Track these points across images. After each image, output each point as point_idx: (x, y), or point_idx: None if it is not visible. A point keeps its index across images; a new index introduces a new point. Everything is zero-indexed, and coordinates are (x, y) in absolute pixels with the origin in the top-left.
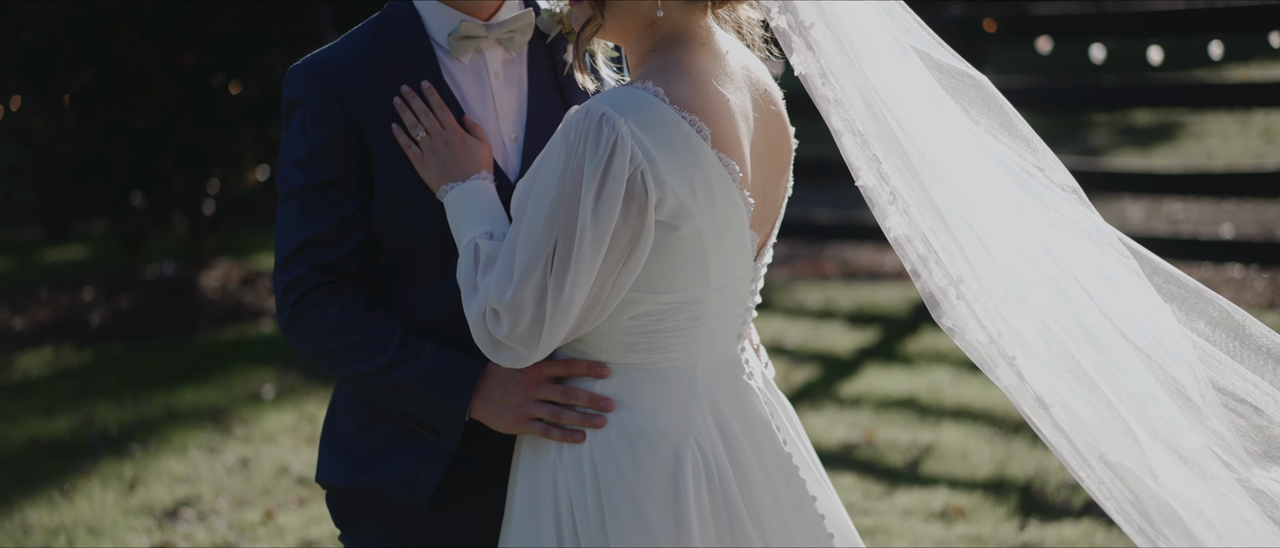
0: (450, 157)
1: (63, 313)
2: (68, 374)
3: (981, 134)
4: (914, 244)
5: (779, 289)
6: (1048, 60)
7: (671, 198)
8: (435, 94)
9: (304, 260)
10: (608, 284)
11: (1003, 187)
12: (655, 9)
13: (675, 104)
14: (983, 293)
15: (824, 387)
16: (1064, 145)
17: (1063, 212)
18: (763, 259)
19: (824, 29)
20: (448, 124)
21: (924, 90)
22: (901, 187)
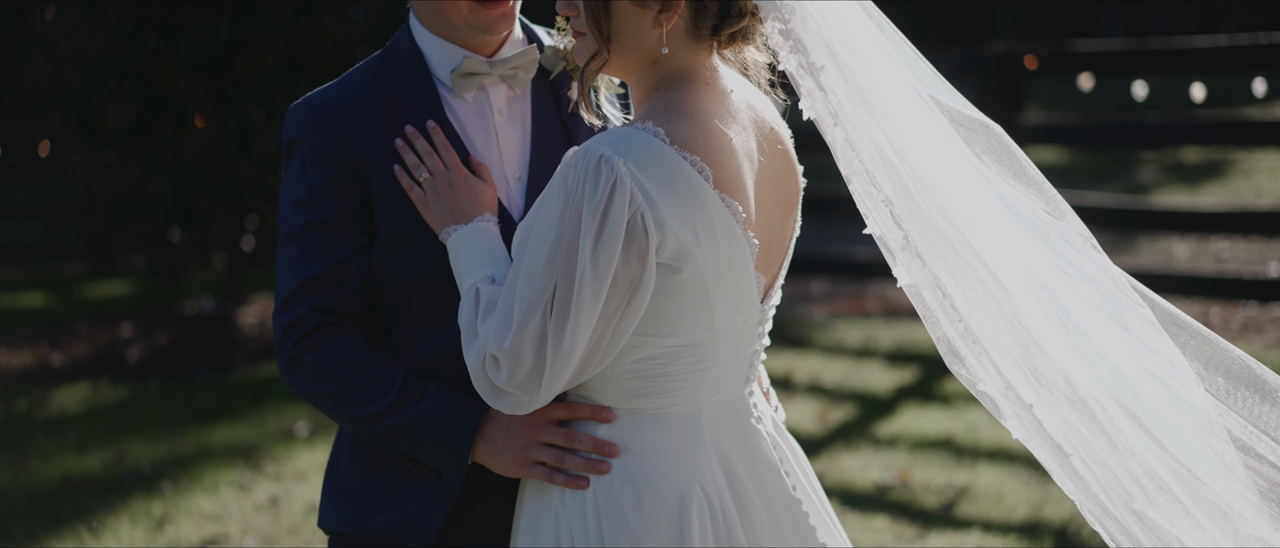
0: (454, 198)
1: (101, 349)
2: (103, 410)
3: (995, 180)
4: (926, 291)
5: (818, 327)
6: (1090, 97)
7: (673, 240)
8: (440, 133)
9: (303, 302)
10: (609, 329)
11: (1016, 234)
12: (660, 45)
13: (676, 144)
14: (997, 341)
15: (860, 427)
16: (1111, 182)
17: (1075, 262)
18: (770, 301)
19: (835, 72)
20: (452, 164)
21: (936, 135)
22: (914, 231)
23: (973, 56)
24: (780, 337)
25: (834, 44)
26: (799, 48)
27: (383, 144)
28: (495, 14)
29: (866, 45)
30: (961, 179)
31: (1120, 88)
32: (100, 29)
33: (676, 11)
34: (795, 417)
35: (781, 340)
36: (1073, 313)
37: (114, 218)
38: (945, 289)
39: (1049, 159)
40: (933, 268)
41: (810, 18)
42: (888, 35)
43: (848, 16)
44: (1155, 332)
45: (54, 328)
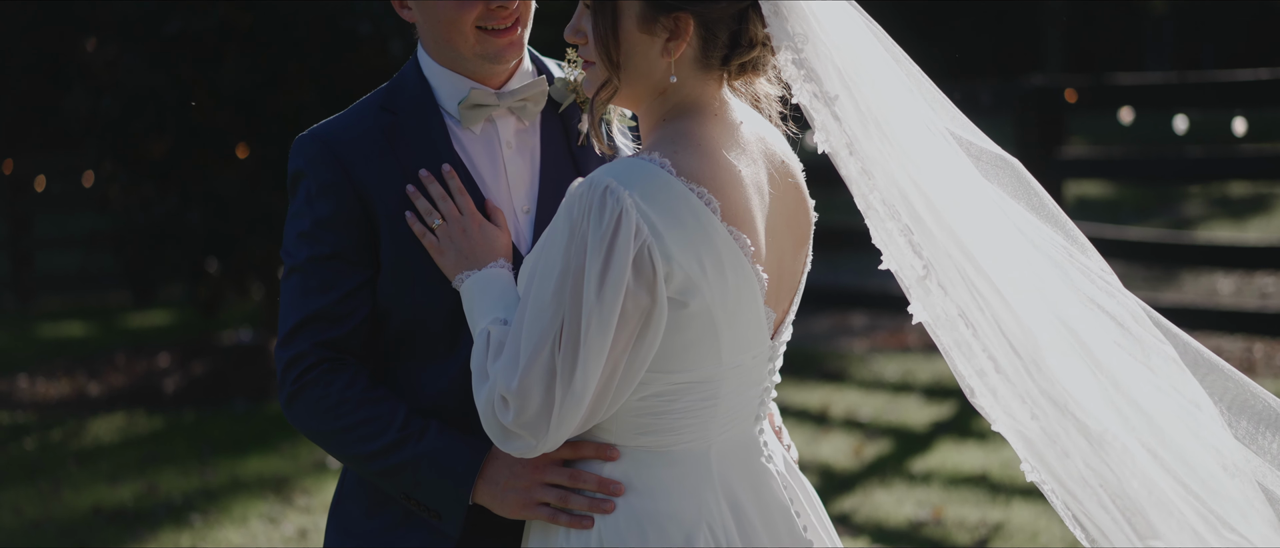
0: (467, 244)
1: (138, 379)
2: (137, 441)
3: (1013, 213)
4: (944, 325)
5: (856, 361)
6: (1135, 131)
7: (679, 273)
8: (455, 178)
9: (305, 337)
10: (620, 365)
11: (1036, 268)
12: (669, 74)
13: (683, 175)
14: (1019, 376)
15: (895, 462)
16: (1155, 217)
17: (1096, 297)
18: (781, 337)
19: (849, 102)
20: (466, 210)
21: (954, 168)
22: (933, 261)
23: (1012, 89)
24: (818, 371)
25: (848, 74)
26: (812, 77)
27: (388, 176)
28: (503, 43)
29: (882, 77)
30: (980, 212)
31: (1165, 121)
32: (140, 60)
33: (685, 39)
34: (830, 452)
35: (819, 374)
36: (1094, 350)
37: (151, 249)
38: (968, 319)
39: (1094, 193)
40: (954, 299)
41: (823, 47)
42: (904, 68)
43: (862, 47)
44: (1178, 369)
45: (92, 358)
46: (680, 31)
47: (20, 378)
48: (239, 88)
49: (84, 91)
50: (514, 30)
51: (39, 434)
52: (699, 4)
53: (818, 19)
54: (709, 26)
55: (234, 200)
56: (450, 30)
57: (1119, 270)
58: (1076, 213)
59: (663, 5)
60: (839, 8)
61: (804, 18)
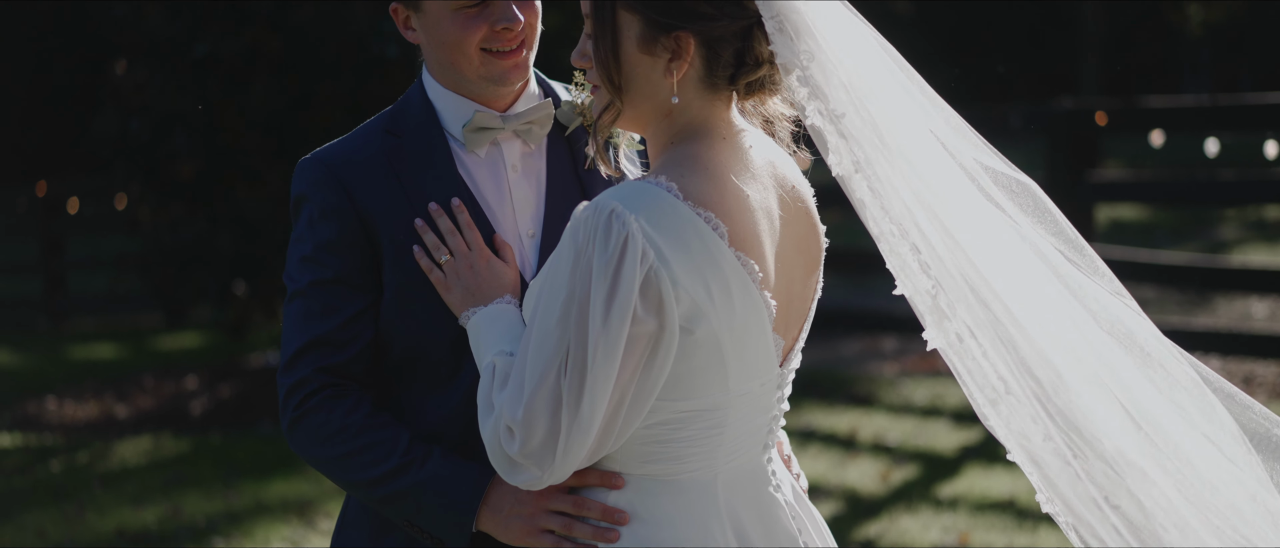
0: (474, 280)
1: (165, 401)
2: (163, 464)
3: (1030, 236)
4: (954, 350)
5: (886, 385)
6: (1170, 154)
7: (686, 299)
8: (464, 212)
9: (307, 362)
10: (628, 394)
11: (1051, 289)
12: (671, 95)
13: (690, 200)
14: (1030, 399)
15: (922, 487)
16: (1190, 240)
17: (1114, 321)
18: (790, 364)
19: (857, 120)
20: (474, 245)
21: (967, 189)
22: (946, 284)
23: (1043, 112)
24: (847, 394)
25: (856, 92)
26: (818, 94)
27: (392, 200)
28: (507, 65)
29: (892, 96)
30: (993, 233)
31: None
32: (168, 83)
33: (686, 59)
34: (857, 476)
35: (848, 398)
36: (1111, 372)
37: (180, 271)
38: (979, 340)
39: (1129, 216)
40: (964, 319)
41: (831, 65)
42: (918, 88)
43: (872, 66)
44: (1201, 393)
45: (121, 380)
46: (682, 52)
47: (49, 400)
48: (267, 110)
49: (113, 114)
50: (519, 52)
51: (65, 457)
52: (699, 22)
53: (825, 36)
54: (712, 45)
55: (262, 223)
56: (454, 53)
57: (1152, 294)
58: (1111, 236)
59: (662, 25)
60: (848, 25)
61: (810, 35)
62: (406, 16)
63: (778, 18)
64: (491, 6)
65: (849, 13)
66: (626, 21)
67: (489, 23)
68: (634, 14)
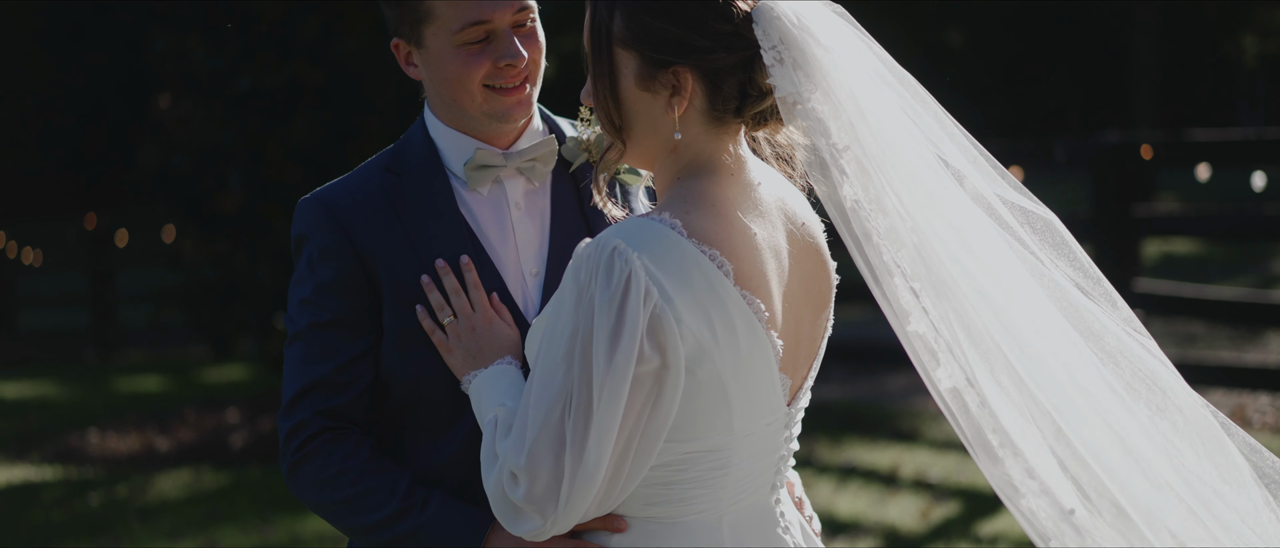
0: (475, 342)
1: (206, 434)
2: (202, 497)
3: (1052, 274)
4: (951, 398)
5: (929, 421)
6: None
7: (690, 337)
8: (472, 270)
9: (306, 406)
10: (635, 438)
11: (1064, 330)
12: (674, 131)
13: (693, 237)
14: (1037, 449)
15: (962, 525)
16: (1243, 274)
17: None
18: (798, 403)
19: (860, 153)
20: (479, 305)
21: (983, 228)
22: (958, 327)
23: (1088, 146)
24: (890, 430)
25: (862, 126)
26: (820, 129)
27: (392, 240)
28: (511, 101)
29: (899, 128)
30: (1006, 273)
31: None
32: (211, 117)
33: (686, 94)
34: (897, 513)
35: (891, 434)
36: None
37: (222, 304)
38: (981, 390)
39: (1182, 250)
40: (973, 367)
41: (835, 97)
42: (933, 116)
43: (880, 99)
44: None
45: (163, 413)
46: (681, 87)
47: (91, 432)
48: (309, 144)
49: (156, 148)
50: (522, 88)
51: (105, 489)
52: (694, 56)
53: (829, 67)
54: (712, 79)
55: None
56: (457, 89)
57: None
58: (1162, 270)
59: (658, 61)
60: (855, 54)
61: (812, 66)
62: (408, 53)
63: (777, 49)
64: (494, 43)
65: (857, 39)
66: (624, 59)
67: (492, 59)
68: (630, 51)
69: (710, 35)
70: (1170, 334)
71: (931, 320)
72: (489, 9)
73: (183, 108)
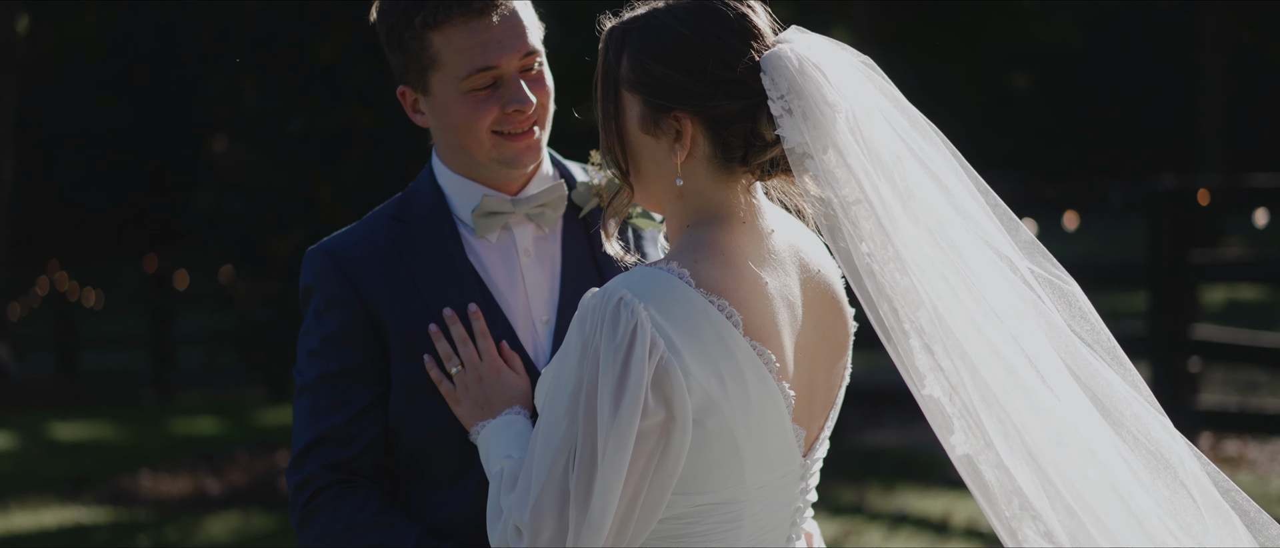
0: (482, 393)
1: (257, 477)
2: (249, 541)
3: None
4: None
5: None
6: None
7: (698, 390)
8: (480, 319)
9: (315, 459)
10: (641, 492)
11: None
12: (676, 177)
13: (702, 287)
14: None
15: None
16: None
17: (1153, 445)
18: (815, 454)
19: (870, 210)
20: (486, 354)
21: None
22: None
23: (1143, 191)
24: (942, 477)
25: (874, 180)
26: (830, 181)
27: (399, 290)
28: (520, 147)
29: (916, 185)
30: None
31: None
32: (264, 158)
33: (687, 142)
34: None
35: (943, 481)
36: (1145, 498)
37: (274, 346)
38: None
39: (1249, 296)
40: (990, 437)
41: (846, 150)
42: (954, 170)
43: (896, 154)
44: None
45: (215, 455)
46: (682, 133)
47: (143, 474)
48: (362, 186)
49: (210, 190)
50: (531, 133)
51: (154, 531)
52: (693, 102)
53: (840, 119)
54: (716, 126)
55: None
56: (465, 136)
57: (1264, 378)
58: (1226, 316)
59: (660, 105)
60: (871, 108)
61: (821, 118)
62: (414, 100)
63: (785, 99)
64: (502, 88)
65: (875, 91)
66: (629, 102)
67: (500, 104)
68: (635, 95)
69: (709, 82)
70: (1231, 382)
71: (949, 383)
72: (495, 55)
73: (237, 150)
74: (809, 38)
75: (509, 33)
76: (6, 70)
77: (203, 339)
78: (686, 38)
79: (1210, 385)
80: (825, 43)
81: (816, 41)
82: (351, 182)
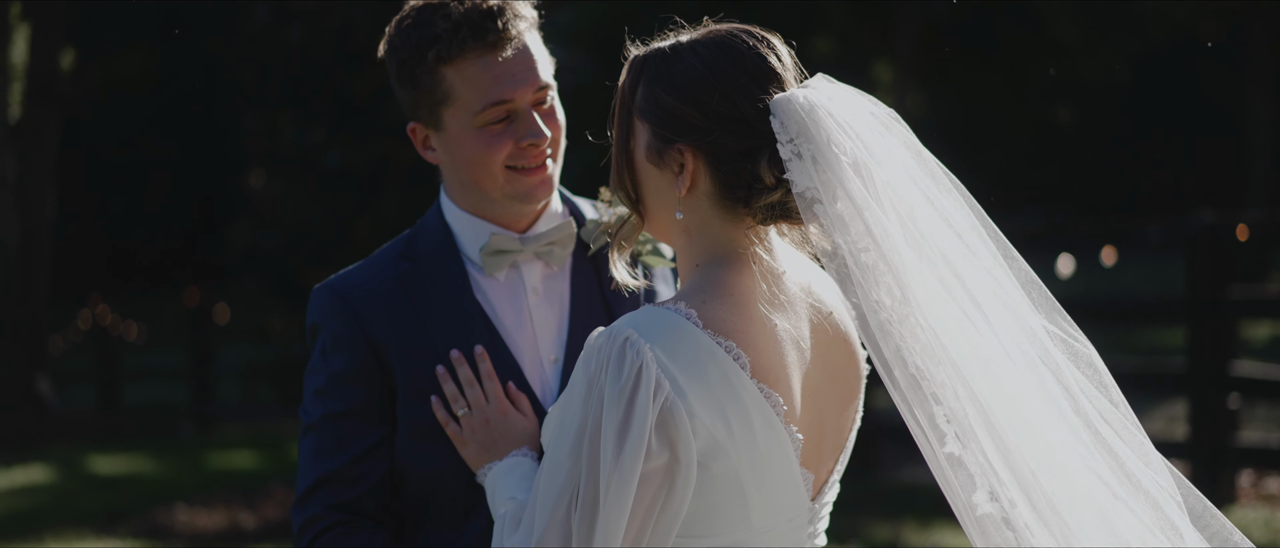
0: (488, 436)
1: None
2: None
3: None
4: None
5: None
6: None
7: (703, 432)
8: (486, 361)
9: (319, 499)
10: (644, 536)
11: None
12: (676, 211)
13: (709, 328)
14: None
15: None
16: None
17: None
18: (824, 498)
19: (891, 261)
20: (493, 396)
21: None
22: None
23: (1182, 226)
24: None
25: (888, 231)
26: (839, 228)
27: (406, 329)
28: (534, 182)
29: (934, 234)
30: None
31: None
32: (301, 193)
33: (688, 174)
34: None
35: None
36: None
37: None
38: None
39: None
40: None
41: (856, 200)
42: (964, 212)
43: (912, 203)
44: None
45: (251, 489)
46: (685, 166)
47: (179, 507)
48: (398, 220)
49: (247, 225)
50: (544, 168)
51: None
52: (693, 135)
53: (853, 166)
54: (717, 163)
55: None
56: (478, 171)
57: None
58: (1272, 352)
59: (664, 136)
60: (887, 156)
61: (832, 163)
62: (425, 137)
63: (795, 143)
64: (516, 122)
65: (893, 140)
66: (639, 130)
67: (514, 139)
68: (645, 123)
69: (712, 117)
70: (1273, 419)
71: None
72: (510, 89)
73: (274, 185)
74: (832, 87)
75: (522, 66)
76: (48, 106)
77: (243, 373)
78: (698, 72)
79: (1252, 422)
80: (847, 91)
81: (838, 90)
82: (387, 216)
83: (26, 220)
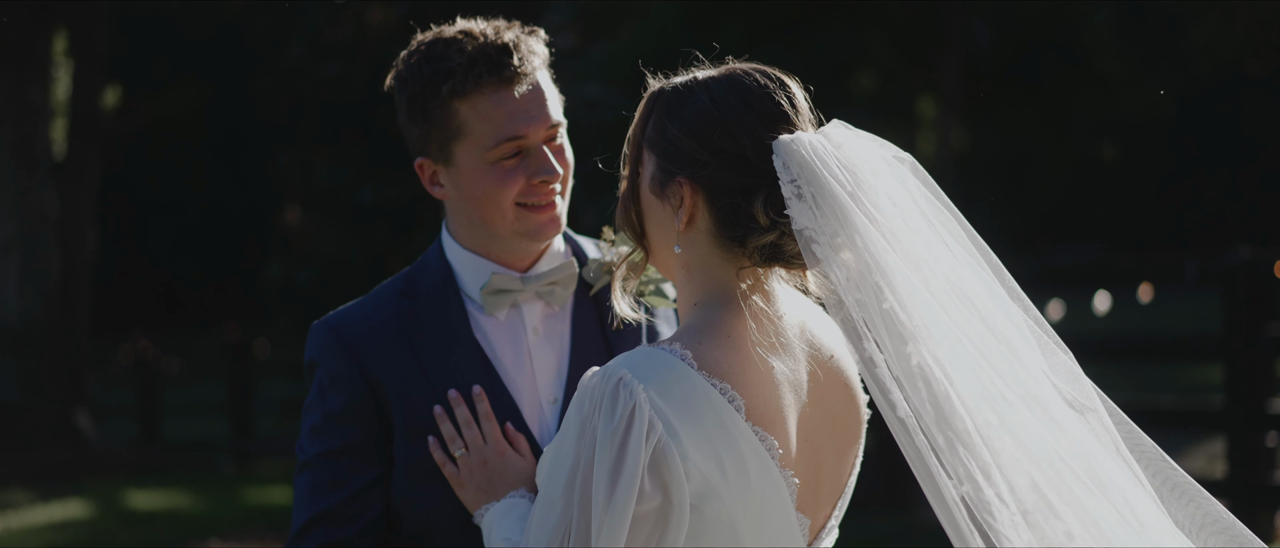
0: (486, 477)
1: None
2: None
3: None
4: None
5: None
6: None
7: (696, 475)
8: (484, 401)
9: (314, 537)
10: None
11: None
12: (674, 245)
13: (704, 369)
14: None
15: None
16: None
17: None
18: (821, 543)
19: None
20: (491, 437)
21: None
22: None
23: (1218, 263)
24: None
25: (892, 278)
26: (844, 274)
27: (404, 368)
28: (544, 219)
29: (941, 276)
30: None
31: None
32: (335, 229)
33: (686, 210)
34: None
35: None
36: None
37: None
38: None
39: None
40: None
41: (858, 244)
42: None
43: (922, 249)
44: None
45: (285, 525)
46: (685, 200)
47: (212, 542)
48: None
49: (281, 261)
50: (553, 206)
51: None
52: (691, 168)
53: (857, 208)
54: (714, 199)
55: None
56: (489, 207)
57: None
58: None
59: (667, 168)
60: (894, 199)
61: (835, 204)
62: (433, 172)
63: (797, 183)
64: (528, 159)
65: (906, 183)
66: (647, 161)
67: (526, 175)
68: (651, 154)
69: (713, 151)
70: None
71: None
72: (524, 125)
73: (308, 221)
74: (845, 132)
75: (535, 103)
76: (91, 143)
77: (282, 409)
78: (706, 107)
79: None
80: (860, 136)
81: (851, 135)
82: (420, 252)
83: (67, 256)
